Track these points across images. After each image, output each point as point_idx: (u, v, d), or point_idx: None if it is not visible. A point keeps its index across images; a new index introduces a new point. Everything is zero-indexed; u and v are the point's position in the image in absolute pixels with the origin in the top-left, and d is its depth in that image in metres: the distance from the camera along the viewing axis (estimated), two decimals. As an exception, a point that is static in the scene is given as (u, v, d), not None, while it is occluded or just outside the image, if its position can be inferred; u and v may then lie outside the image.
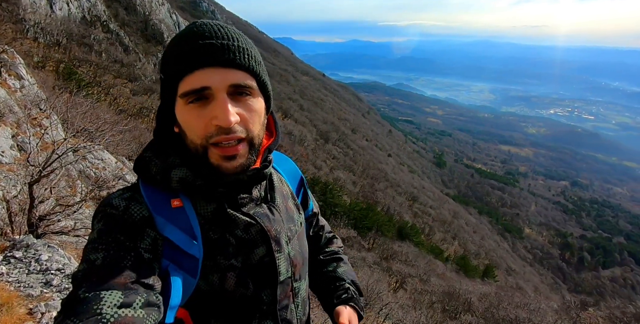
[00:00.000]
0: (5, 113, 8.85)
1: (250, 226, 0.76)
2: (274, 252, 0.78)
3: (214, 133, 0.68)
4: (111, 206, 0.69)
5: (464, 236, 49.94)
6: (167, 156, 0.74)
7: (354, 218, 33.40)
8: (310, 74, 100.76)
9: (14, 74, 10.75)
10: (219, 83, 0.66)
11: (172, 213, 0.70)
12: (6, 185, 6.20)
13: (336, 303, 0.97)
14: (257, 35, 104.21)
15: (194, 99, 0.67)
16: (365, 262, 25.08)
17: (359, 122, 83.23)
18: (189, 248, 0.68)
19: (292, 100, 65.77)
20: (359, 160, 55.20)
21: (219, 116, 0.66)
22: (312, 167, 41.68)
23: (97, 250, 0.63)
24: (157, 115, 0.78)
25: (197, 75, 0.66)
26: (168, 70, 0.69)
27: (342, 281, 1.02)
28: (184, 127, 0.70)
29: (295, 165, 1.02)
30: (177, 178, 0.72)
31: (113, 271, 0.60)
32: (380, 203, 41.85)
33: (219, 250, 0.72)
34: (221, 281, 0.72)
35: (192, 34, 0.68)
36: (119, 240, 0.64)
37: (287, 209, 0.88)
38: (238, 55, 0.68)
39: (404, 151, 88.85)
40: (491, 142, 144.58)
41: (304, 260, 0.89)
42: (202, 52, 0.66)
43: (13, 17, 21.76)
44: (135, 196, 0.71)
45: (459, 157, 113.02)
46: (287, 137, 46.41)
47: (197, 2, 76.96)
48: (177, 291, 0.67)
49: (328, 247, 1.13)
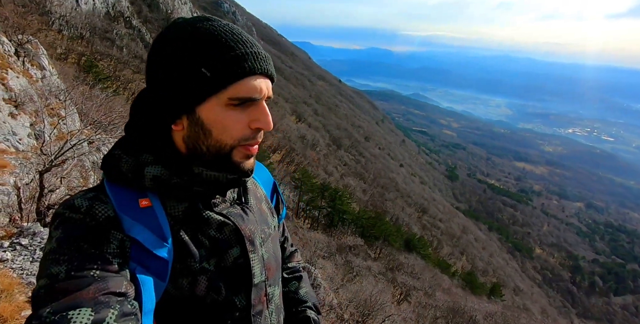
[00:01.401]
0: (25, 102, 8.96)
1: (224, 225, 0.74)
2: (248, 253, 0.76)
3: (250, 136, 0.71)
4: (72, 208, 0.65)
5: (473, 252, 49.15)
6: (139, 153, 0.71)
7: (362, 227, 33.19)
8: (327, 79, 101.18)
9: (36, 64, 10.93)
10: (266, 93, 0.70)
11: (140, 213, 0.67)
12: (20, 172, 6.28)
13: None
14: (276, 38, 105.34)
15: (239, 103, 0.68)
16: (370, 271, 24.75)
17: (373, 129, 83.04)
18: (157, 249, 0.65)
19: (307, 104, 65.98)
20: (370, 168, 54.96)
21: (261, 120, 0.70)
22: (322, 172, 41.57)
23: (58, 262, 0.58)
24: (133, 109, 0.75)
25: (253, 82, 0.68)
26: (217, 68, 0.66)
27: (303, 303, 1.02)
28: (211, 127, 0.69)
29: (267, 170, 1.02)
30: (151, 175, 0.69)
31: (79, 285, 0.56)
32: (389, 213, 41.45)
33: (190, 252, 0.69)
34: (191, 286, 0.69)
35: (237, 37, 0.69)
36: (81, 249, 0.60)
37: (261, 211, 0.87)
38: (273, 68, 0.73)
39: (417, 162, 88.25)
40: (506, 158, 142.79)
41: (277, 265, 0.87)
42: (257, 60, 0.68)
43: (40, 9, 22.33)
44: (99, 196, 0.67)
45: (472, 171, 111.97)
46: (300, 140, 46.46)
47: (219, 3, 78.15)
48: (149, 294, 0.63)
49: (290, 262, 1.09)
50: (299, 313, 0.99)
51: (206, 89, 0.66)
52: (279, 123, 46.17)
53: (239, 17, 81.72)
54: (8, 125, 8.32)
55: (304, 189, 32.53)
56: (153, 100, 0.71)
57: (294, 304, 1.01)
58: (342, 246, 28.22)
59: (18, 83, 9.12)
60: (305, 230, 28.04)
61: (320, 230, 30.87)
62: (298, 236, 23.27)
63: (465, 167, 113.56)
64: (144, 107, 0.73)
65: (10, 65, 9.28)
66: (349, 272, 21.89)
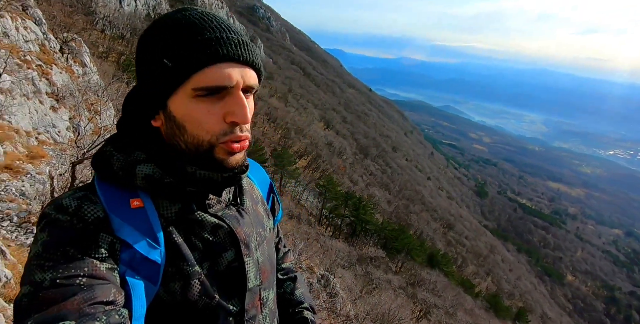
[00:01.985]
0: (66, 96, 9.25)
1: (219, 228, 0.71)
2: (243, 256, 0.74)
3: (227, 130, 0.65)
4: (59, 208, 0.62)
5: (499, 273, 47.23)
6: (130, 151, 0.69)
7: (384, 238, 32.71)
8: (357, 87, 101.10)
9: (78, 61, 11.37)
10: (240, 81, 0.64)
11: (131, 213, 0.64)
12: (56, 162, 6.48)
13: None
14: (309, 44, 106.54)
15: (207, 94, 0.63)
16: (390, 285, 24.15)
17: (401, 140, 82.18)
18: (148, 252, 0.63)
19: (336, 111, 66.01)
20: (396, 179, 54.19)
21: (236, 112, 0.64)
22: (347, 181, 41.27)
23: (42, 268, 0.55)
24: (125, 104, 0.72)
25: (217, 70, 0.62)
26: (179, 57, 0.62)
27: (300, 304, 1.00)
28: (184, 121, 0.65)
29: (264, 171, 0.98)
30: (142, 174, 0.66)
31: (64, 294, 0.53)
32: (413, 226, 40.64)
33: (183, 255, 0.67)
34: (183, 290, 0.66)
35: (207, 23, 0.65)
36: (67, 254, 0.57)
37: (257, 213, 0.84)
38: (252, 53, 0.67)
39: (444, 175, 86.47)
40: (539, 177, 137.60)
41: (272, 268, 0.85)
42: (224, 45, 0.63)
43: (85, 8, 23.49)
44: (88, 196, 0.64)
45: (502, 189, 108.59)
46: (327, 147, 46.39)
47: (255, 8, 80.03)
48: (140, 299, 0.61)
49: (284, 263, 1.08)
50: (296, 314, 0.98)
51: (170, 81, 0.63)
52: (306, 129, 46.33)
53: (274, 23, 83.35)
54: (49, 118, 8.60)
55: (328, 196, 32.38)
56: (133, 95, 0.70)
57: (291, 305, 1.00)
58: (363, 257, 27.87)
59: (61, 78, 9.43)
60: (327, 237, 27.76)
61: (341, 238, 30.58)
62: (319, 244, 23.01)
63: (495, 184, 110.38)
64: (130, 103, 0.72)
65: (55, 61, 9.62)
66: (369, 284, 21.54)
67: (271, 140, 39.05)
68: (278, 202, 0.97)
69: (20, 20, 8.78)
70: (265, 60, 58.26)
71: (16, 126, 7.24)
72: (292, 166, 32.57)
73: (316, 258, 18.50)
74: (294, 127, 44.53)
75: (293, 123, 45.08)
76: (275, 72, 58.18)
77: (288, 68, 66.89)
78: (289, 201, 27.76)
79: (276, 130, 42.94)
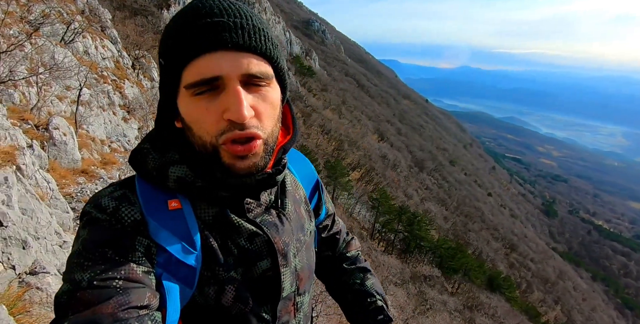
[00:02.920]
0: (135, 108, 9.91)
1: (255, 236, 0.69)
2: (279, 267, 0.71)
3: (225, 130, 0.59)
4: (98, 208, 0.62)
5: (570, 301, 43.07)
6: (166, 150, 0.67)
7: (440, 257, 31.44)
8: (412, 98, 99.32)
9: (148, 76, 12.27)
10: (231, 71, 0.57)
11: (168, 216, 0.63)
12: (125, 168, 6.94)
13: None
14: (363, 56, 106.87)
15: (203, 91, 0.58)
16: (445, 307, 22.94)
17: (459, 153, 79.02)
18: (185, 257, 0.62)
19: (390, 123, 65.10)
20: (454, 194, 52.03)
21: (231, 109, 0.58)
22: (402, 195, 40.21)
23: (82, 268, 0.57)
24: (159, 104, 0.69)
25: (205, 61, 0.57)
26: (168, 54, 0.59)
27: (372, 297, 0.96)
28: (188, 122, 0.62)
29: (312, 166, 0.92)
30: (174, 177, 0.64)
31: (100, 297, 0.54)
32: (471, 245, 38.57)
33: (218, 260, 0.66)
34: (218, 295, 0.66)
35: (197, 10, 0.58)
36: (106, 255, 0.58)
37: (299, 216, 0.80)
38: (253, 36, 0.59)
39: (507, 192, 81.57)
40: (618, 196, 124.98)
41: (310, 273, 0.82)
42: (209, 32, 0.56)
43: (155, 28, 25.64)
44: (127, 195, 0.64)
45: (574, 208, 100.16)
46: (381, 160, 45.68)
47: (310, 22, 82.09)
48: (174, 304, 0.61)
49: (348, 251, 1.04)
50: (370, 305, 0.94)
51: (169, 81, 0.61)
52: (360, 141, 46.02)
53: (328, 36, 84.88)
54: (120, 128, 9.25)
55: (380, 210, 31.77)
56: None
57: (362, 296, 0.96)
58: (417, 275, 26.96)
59: (132, 92, 10.14)
60: (379, 252, 27.12)
61: (394, 254, 29.81)
62: (371, 259, 22.44)
63: (566, 203, 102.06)
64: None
65: (127, 76, 10.37)
66: (422, 304, 20.76)
67: (324, 151, 39.26)
68: (322, 201, 0.92)
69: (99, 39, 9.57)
70: (320, 73, 59.27)
71: (93, 135, 7.82)
72: (344, 179, 32.42)
73: (367, 274, 17.98)
74: (348, 138, 44.46)
75: (346, 135, 45.06)
76: (330, 84, 58.91)
77: (342, 80, 67.49)
78: (341, 214, 27.52)
79: (329, 141, 43.13)
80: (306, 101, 44.91)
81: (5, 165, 3.99)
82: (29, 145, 5.33)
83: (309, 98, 46.91)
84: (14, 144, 4.47)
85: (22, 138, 4.84)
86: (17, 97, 6.60)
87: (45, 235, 3.20)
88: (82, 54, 8.90)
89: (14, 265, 2.42)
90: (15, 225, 2.42)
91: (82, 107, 7.78)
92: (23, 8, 7.57)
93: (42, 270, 2.72)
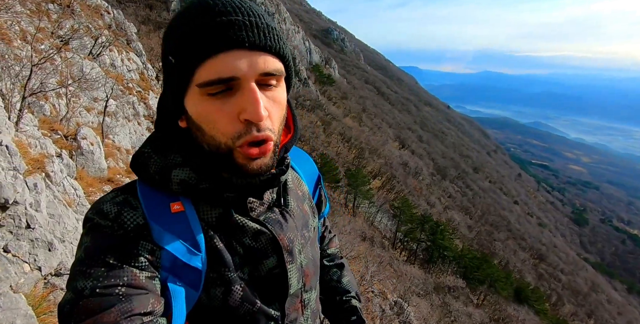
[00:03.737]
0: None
1: (260, 234, 0.69)
2: (285, 263, 0.71)
3: (242, 132, 0.59)
4: (101, 214, 0.61)
5: (604, 315, 41.16)
6: (167, 153, 0.66)
7: (464, 267, 30.57)
8: (434, 105, 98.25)
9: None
10: (249, 71, 0.56)
11: (171, 219, 0.63)
12: None
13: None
14: (383, 63, 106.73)
15: (218, 91, 0.57)
16: (470, 319, 22.26)
17: (483, 160, 77.29)
18: (189, 259, 0.62)
19: (412, 130, 64.44)
20: (478, 202, 50.77)
21: (248, 109, 0.57)
22: (424, 203, 39.54)
23: (84, 276, 0.56)
24: (159, 105, 0.69)
25: (222, 60, 0.55)
26: (181, 51, 0.57)
27: (347, 293, 1.00)
28: (200, 122, 0.60)
29: (313, 162, 0.92)
30: (178, 179, 0.64)
31: (102, 305, 0.54)
32: (497, 256, 37.47)
33: (224, 261, 0.65)
34: (225, 296, 0.65)
35: (209, 8, 0.57)
36: (108, 262, 0.57)
37: (303, 213, 0.80)
38: (268, 35, 0.58)
39: (535, 200, 79.17)
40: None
41: (315, 269, 0.82)
42: (226, 31, 0.55)
43: None
44: (129, 200, 0.63)
45: (607, 216, 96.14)
46: (402, 167, 45.13)
47: (329, 31, 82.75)
48: (180, 308, 0.61)
49: (329, 248, 1.07)
50: (344, 303, 0.97)
51: (178, 79, 0.59)
52: (381, 149, 45.70)
53: (347, 44, 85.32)
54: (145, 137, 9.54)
55: (402, 219, 31.31)
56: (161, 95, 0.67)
57: (337, 293, 1.00)
58: (440, 286, 26.35)
59: (156, 102, 10.48)
60: (401, 262, 26.64)
61: (417, 264, 29.23)
62: (393, 268, 22.09)
63: (597, 211, 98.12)
64: (160, 103, 0.69)
65: (152, 87, 10.72)
66: (446, 316, 20.25)
67: (345, 159, 39.15)
68: (325, 197, 0.93)
69: (125, 52, 9.96)
70: (339, 81, 59.55)
71: (118, 144, 8.08)
72: (365, 187, 32.18)
73: (389, 283, 17.66)
74: (368, 146, 44.23)
75: (367, 142, 44.85)
76: (349, 91, 59.02)
77: (362, 87, 67.51)
78: (362, 223, 27.27)
79: (350, 149, 43.02)
80: (326, 109, 45.08)
81: (35, 172, 4.20)
82: (58, 154, 5.58)
83: (329, 107, 47.07)
84: (43, 152, 4.69)
85: (51, 147, 5.06)
86: (47, 109, 6.92)
87: (72, 239, 3.31)
88: (109, 66, 9.29)
89: (40, 266, 2.51)
90: (42, 228, 2.52)
91: (109, 118, 8.08)
92: (54, 24, 8.01)
93: (67, 271, 2.82)
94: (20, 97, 5.11)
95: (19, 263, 2.31)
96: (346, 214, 27.18)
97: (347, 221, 23.21)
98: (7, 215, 2.08)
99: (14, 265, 2.28)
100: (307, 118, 40.46)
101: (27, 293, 2.35)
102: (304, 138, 36.42)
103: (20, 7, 6.94)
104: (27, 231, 2.27)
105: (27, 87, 4.89)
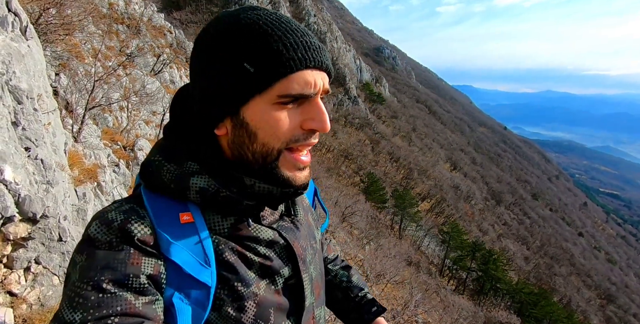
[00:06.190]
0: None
1: (275, 242, 0.68)
2: (300, 272, 0.70)
3: (300, 137, 0.62)
4: (105, 222, 0.58)
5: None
6: (182, 160, 0.64)
7: (520, 302, 28.34)
8: (489, 126, 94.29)
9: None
10: (321, 87, 0.63)
11: (180, 229, 0.61)
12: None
13: (369, 318, 0.96)
14: (435, 82, 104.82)
15: (290, 101, 0.61)
16: (526, 362, 20.07)
17: (543, 186, 72.37)
18: (198, 274, 0.59)
19: (464, 152, 61.99)
20: (536, 232, 47.47)
21: (316, 119, 0.62)
22: (476, 229, 37.45)
23: (73, 306, 0.52)
24: (173, 109, 0.69)
25: (302, 77, 0.60)
26: (262, 62, 0.59)
27: (361, 289, 1.01)
28: (257, 128, 0.61)
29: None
30: (197, 188, 0.62)
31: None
32: (558, 292, 34.36)
33: (237, 275, 0.62)
34: (238, 313, 0.62)
35: (286, 26, 0.61)
36: (101, 287, 0.53)
37: (309, 224, 0.80)
38: (329, 59, 0.65)
39: (603, 233, 72.35)
40: None
41: (322, 283, 0.81)
42: (309, 51, 0.61)
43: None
44: (135, 209, 0.61)
45: None
46: (453, 190, 43.27)
47: (381, 49, 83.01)
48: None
49: (330, 253, 1.09)
50: (362, 299, 0.99)
51: (251, 87, 0.59)
52: (431, 170, 44.27)
53: (399, 62, 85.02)
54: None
55: (452, 245, 29.81)
56: (193, 101, 0.65)
57: (352, 291, 1.00)
58: (492, 321, 24.39)
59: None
60: (449, 291, 25.07)
61: (466, 295, 27.46)
62: (439, 297, 20.79)
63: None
64: (185, 108, 0.68)
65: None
66: None
67: (393, 180, 38.32)
68: (324, 210, 0.93)
69: (184, 69, 10.51)
70: (390, 99, 59.20)
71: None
72: (413, 209, 31.18)
73: (435, 313, 16.57)
74: (417, 167, 43.03)
75: (416, 163, 43.68)
76: (400, 110, 58.38)
77: (413, 106, 66.56)
78: (408, 246, 26.20)
79: (398, 169, 42.09)
80: (375, 128, 44.78)
81: (87, 181, 4.36)
82: (116, 164, 5.84)
83: (378, 125, 46.74)
84: (97, 163, 4.88)
85: (104, 157, 5.28)
86: (110, 121, 7.36)
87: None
88: (168, 82, 9.84)
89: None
90: (74, 241, 2.50)
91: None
92: (122, 43, 8.68)
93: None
94: (84, 109, 5.44)
95: (49, 276, 2.27)
96: (392, 236, 26.28)
97: (393, 244, 22.38)
98: (37, 227, 2.06)
99: (44, 277, 2.24)
100: (355, 136, 40.33)
101: (53, 305, 2.29)
102: (352, 156, 36.22)
103: (93, 28, 7.57)
104: (59, 244, 2.24)
105: (89, 99, 5.18)
